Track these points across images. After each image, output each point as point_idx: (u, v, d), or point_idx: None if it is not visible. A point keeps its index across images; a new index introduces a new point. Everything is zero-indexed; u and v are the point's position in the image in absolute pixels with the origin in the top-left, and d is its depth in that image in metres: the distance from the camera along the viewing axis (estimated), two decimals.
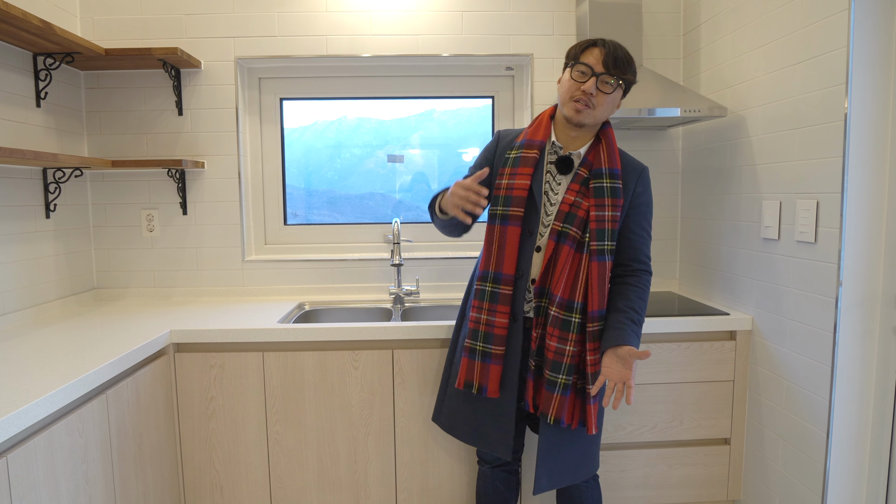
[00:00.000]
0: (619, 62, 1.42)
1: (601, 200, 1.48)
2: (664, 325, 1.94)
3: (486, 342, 1.54)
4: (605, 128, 1.55)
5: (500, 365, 1.54)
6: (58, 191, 2.14)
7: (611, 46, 1.43)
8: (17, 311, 1.93)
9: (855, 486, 1.63)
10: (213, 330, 1.86)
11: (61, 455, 1.31)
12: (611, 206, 1.48)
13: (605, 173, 1.49)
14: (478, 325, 1.56)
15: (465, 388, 1.58)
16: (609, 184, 1.49)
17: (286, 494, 1.93)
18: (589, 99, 1.44)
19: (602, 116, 1.49)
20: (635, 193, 1.53)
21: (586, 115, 1.46)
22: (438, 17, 2.37)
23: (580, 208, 1.48)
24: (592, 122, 1.49)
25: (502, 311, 1.52)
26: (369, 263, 2.46)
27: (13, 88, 1.93)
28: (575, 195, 1.49)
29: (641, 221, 1.55)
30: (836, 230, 1.58)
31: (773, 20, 1.82)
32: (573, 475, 1.58)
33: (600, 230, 1.47)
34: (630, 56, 1.45)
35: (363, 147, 2.60)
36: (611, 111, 1.50)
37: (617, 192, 1.49)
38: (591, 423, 1.51)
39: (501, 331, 1.53)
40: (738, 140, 2.04)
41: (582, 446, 1.57)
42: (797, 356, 1.75)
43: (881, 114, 1.53)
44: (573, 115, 1.47)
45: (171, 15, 2.31)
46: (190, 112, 2.36)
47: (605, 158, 1.50)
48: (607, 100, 1.45)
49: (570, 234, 1.48)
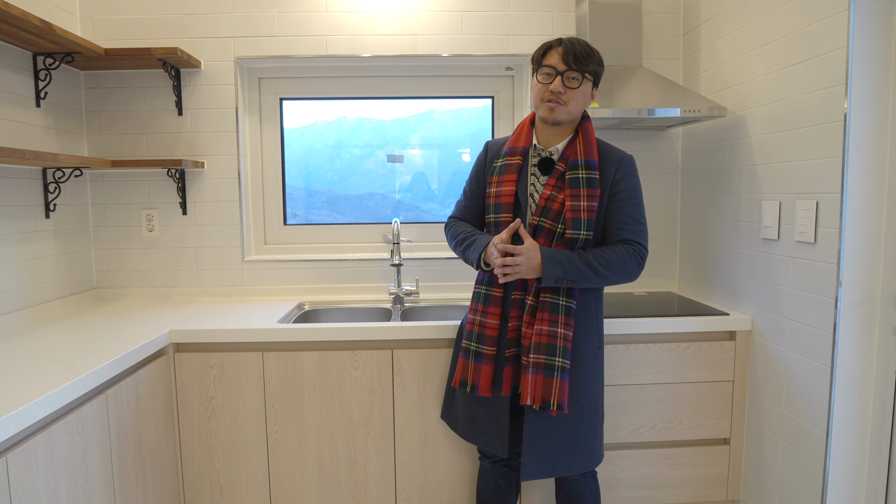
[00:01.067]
0: (580, 57, 1.48)
1: (576, 191, 1.51)
2: (664, 325, 1.94)
3: (479, 342, 1.60)
4: (583, 122, 1.59)
5: (491, 365, 1.59)
6: (57, 191, 2.14)
7: (568, 44, 1.49)
8: (16, 311, 1.93)
9: (854, 486, 1.63)
10: (212, 330, 1.86)
11: (61, 455, 1.31)
12: (586, 197, 1.51)
13: (581, 164, 1.53)
14: (473, 326, 1.62)
15: (461, 387, 1.64)
16: (584, 175, 1.52)
17: (286, 494, 1.93)
18: (558, 97, 1.50)
19: (576, 110, 1.54)
20: (615, 181, 1.55)
21: (560, 112, 1.51)
22: (438, 17, 2.37)
23: (555, 201, 1.53)
24: (568, 118, 1.54)
25: (493, 312, 1.59)
26: (369, 263, 2.46)
27: (13, 88, 1.93)
28: (551, 189, 1.54)
29: (624, 208, 1.55)
30: (836, 230, 1.58)
31: (773, 20, 1.82)
32: (568, 466, 1.58)
33: (576, 219, 1.50)
34: (590, 48, 1.51)
35: (363, 147, 2.60)
36: (584, 103, 1.55)
37: (593, 183, 1.52)
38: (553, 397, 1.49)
39: (493, 332, 1.59)
40: (737, 140, 2.04)
41: (577, 436, 1.58)
42: (797, 356, 1.75)
43: (881, 114, 1.53)
44: (548, 114, 1.53)
45: (170, 15, 2.31)
46: (190, 112, 2.36)
47: (581, 151, 1.54)
48: (577, 94, 1.51)
49: (546, 226, 1.53)
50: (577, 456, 1.59)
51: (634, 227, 1.56)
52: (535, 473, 1.56)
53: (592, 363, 1.59)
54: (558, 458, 1.57)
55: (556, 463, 1.57)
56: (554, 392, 1.50)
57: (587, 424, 1.59)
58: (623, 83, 2.13)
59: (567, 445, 1.57)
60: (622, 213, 1.55)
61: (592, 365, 1.59)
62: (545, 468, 1.57)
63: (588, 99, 1.55)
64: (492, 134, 2.57)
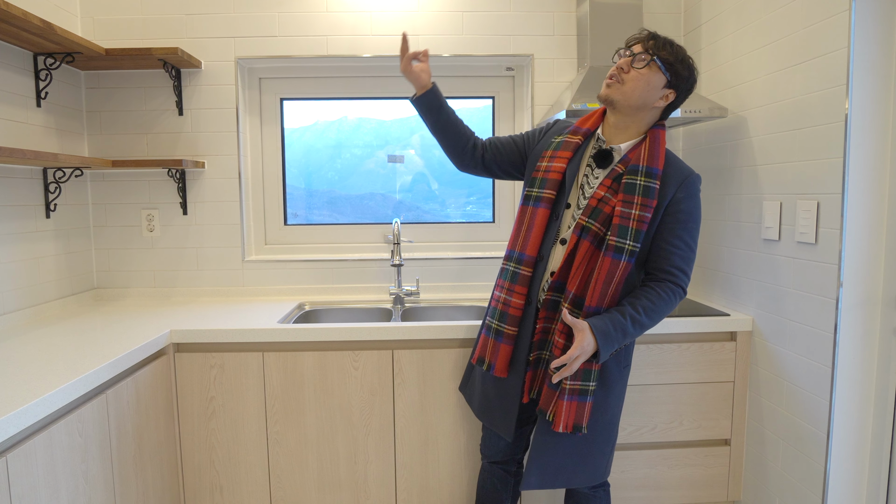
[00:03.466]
0: (658, 40, 1.40)
1: (630, 197, 1.40)
2: (664, 325, 1.93)
3: (501, 321, 1.54)
4: (655, 127, 1.48)
5: (510, 346, 1.53)
6: (58, 190, 2.14)
7: (654, 34, 1.42)
8: (16, 311, 1.93)
9: (855, 487, 1.63)
10: (213, 330, 1.86)
11: (61, 455, 1.30)
12: (640, 206, 1.40)
13: (641, 171, 1.42)
14: (497, 304, 1.56)
15: (478, 364, 1.60)
16: (643, 182, 1.41)
17: (286, 495, 1.93)
18: (619, 74, 1.42)
19: (633, 95, 1.42)
20: (675, 199, 1.43)
21: (615, 90, 1.43)
22: (439, 17, 2.37)
23: (607, 204, 1.43)
24: (623, 100, 1.43)
25: (519, 291, 1.51)
26: (369, 264, 2.46)
27: (13, 88, 1.94)
28: (606, 190, 1.44)
29: (678, 230, 1.43)
30: (837, 231, 1.58)
31: (774, 21, 1.82)
32: (568, 479, 1.54)
33: (622, 227, 1.40)
34: (674, 42, 1.41)
35: (363, 147, 2.60)
36: (644, 92, 1.41)
37: (650, 192, 1.40)
38: (559, 420, 1.45)
39: (516, 311, 1.52)
40: (738, 141, 2.04)
41: (583, 450, 1.53)
42: (798, 357, 1.75)
43: (882, 114, 1.53)
44: (603, 90, 1.46)
45: (171, 15, 2.31)
46: (190, 112, 2.36)
47: (645, 156, 1.43)
48: (638, 76, 1.40)
49: (593, 229, 1.43)
50: (580, 470, 1.55)
51: (685, 253, 1.44)
52: (536, 484, 1.53)
53: (617, 382, 1.53)
54: (560, 470, 1.53)
55: (557, 475, 1.54)
56: (585, 416, 1.46)
57: (598, 442, 1.54)
58: None
59: (572, 458, 1.53)
60: (676, 235, 1.44)
61: (617, 384, 1.54)
62: (546, 480, 1.53)
63: (653, 91, 1.41)
64: (492, 134, 2.57)
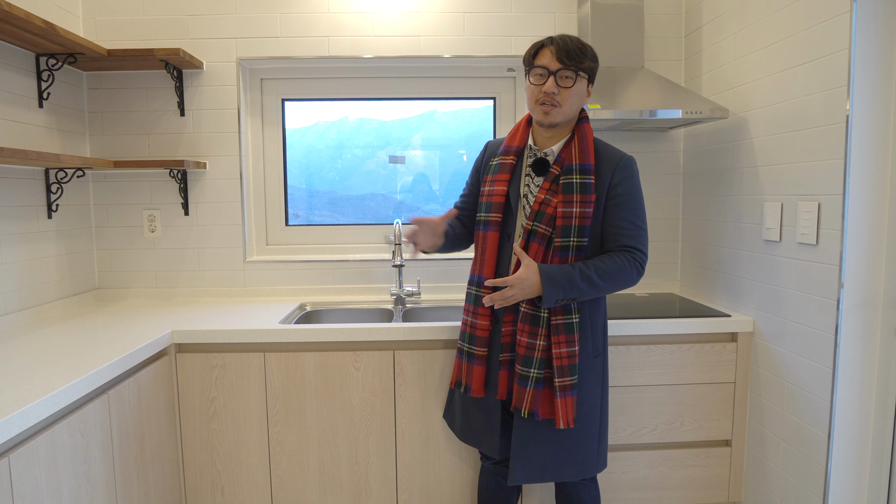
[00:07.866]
0: (572, 54, 1.43)
1: (569, 196, 1.47)
2: (665, 326, 1.93)
3: (471, 343, 1.60)
4: (581, 123, 1.53)
5: (483, 366, 1.59)
6: (60, 191, 2.14)
7: (560, 41, 1.44)
8: (18, 312, 1.94)
9: (856, 488, 1.63)
10: (214, 330, 1.86)
11: (63, 455, 1.31)
12: (579, 203, 1.46)
13: (575, 169, 1.48)
14: (465, 328, 1.63)
15: (456, 387, 1.66)
16: (578, 179, 1.47)
17: (287, 495, 1.93)
18: (552, 98, 1.45)
19: (572, 111, 1.48)
20: (612, 185, 1.50)
21: (555, 115, 1.47)
22: (440, 18, 2.37)
23: (549, 205, 1.49)
24: (564, 119, 1.49)
25: (483, 313, 1.57)
26: (371, 264, 2.46)
27: (16, 89, 1.94)
28: (545, 193, 1.50)
29: (623, 213, 1.50)
30: (838, 232, 1.58)
31: (775, 22, 1.82)
32: (558, 472, 1.58)
33: (566, 226, 1.46)
34: (583, 44, 1.45)
35: (364, 148, 2.60)
36: (580, 102, 1.50)
37: (587, 188, 1.47)
38: (559, 417, 1.49)
39: (483, 332, 1.58)
40: (739, 142, 2.04)
41: (567, 443, 1.56)
42: (798, 358, 1.75)
43: (883, 116, 1.53)
44: (542, 117, 1.49)
45: (173, 16, 2.32)
46: (192, 113, 2.36)
47: (576, 154, 1.49)
48: (571, 94, 1.46)
49: (540, 231, 1.49)
50: (568, 463, 1.57)
51: (634, 231, 1.51)
52: (522, 478, 1.56)
53: (589, 371, 1.56)
54: (547, 464, 1.57)
55: (544, 469, 1.57)
56: (549, 404, 1.51)
57: (578, 432, 1.57)
58: (625, 84, 2.13)
59: (557, 451, 1.56)
60: (621, 217, 1.50)
61: (589, 373, 1.56)
62: (533, 473, 1.57)
63: (584, 97, 1.50)
64: (493, 135, 2.57)
